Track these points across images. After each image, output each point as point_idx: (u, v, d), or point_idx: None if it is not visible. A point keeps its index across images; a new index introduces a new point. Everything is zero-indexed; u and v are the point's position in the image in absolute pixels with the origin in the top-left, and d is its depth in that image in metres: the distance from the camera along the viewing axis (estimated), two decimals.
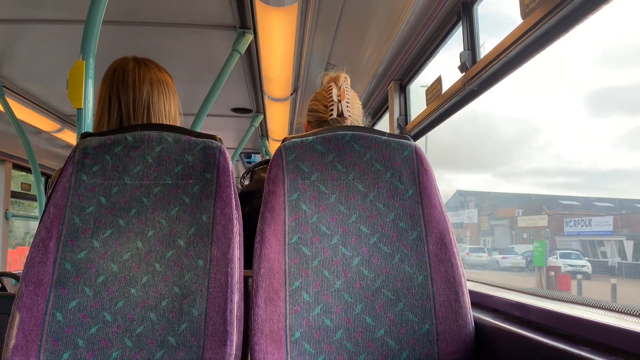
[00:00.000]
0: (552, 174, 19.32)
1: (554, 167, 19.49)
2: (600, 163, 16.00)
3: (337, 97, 1.44)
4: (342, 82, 1.48)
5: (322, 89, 1.52)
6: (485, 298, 1.31)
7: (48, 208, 1.10)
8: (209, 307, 1.06)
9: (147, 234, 1.11)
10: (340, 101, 1.44)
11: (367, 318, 1.11)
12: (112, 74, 1.30)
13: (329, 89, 1.47)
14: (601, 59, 22.42)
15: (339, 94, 1.45)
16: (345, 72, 1.52)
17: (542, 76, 21.94)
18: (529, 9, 1.29)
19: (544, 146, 20.20)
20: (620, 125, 18.43)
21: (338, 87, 1.46)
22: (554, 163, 19.45)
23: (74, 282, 1.06)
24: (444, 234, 1.16)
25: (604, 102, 19.35)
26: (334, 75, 1.51)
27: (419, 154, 1.21)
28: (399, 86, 2.64)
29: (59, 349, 1.02)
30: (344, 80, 1.49)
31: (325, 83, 1.52)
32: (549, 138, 20.26)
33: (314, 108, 1.50)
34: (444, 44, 2.11)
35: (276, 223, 1.15)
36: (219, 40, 2.34)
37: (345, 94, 1.45)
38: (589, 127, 19.39)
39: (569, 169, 18.45)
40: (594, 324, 0.89)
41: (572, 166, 18.24)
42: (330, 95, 1.46)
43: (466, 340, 1.10)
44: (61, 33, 2.26)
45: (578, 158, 17.68)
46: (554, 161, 19.57)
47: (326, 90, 1.49)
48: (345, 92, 1.45)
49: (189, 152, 1.16)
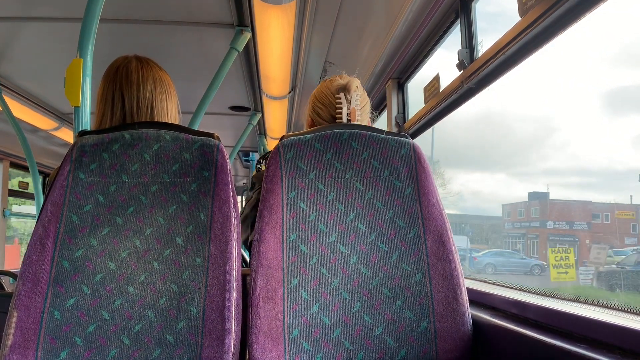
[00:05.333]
0: (568, 173, 19.22)
1: (569, 167, 19.38)
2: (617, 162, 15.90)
3: (347, 116, 1.35)
4: (353, 94, 1.37)
5: (331, 94, 1.40)
6: (483, 296, 1.31)
7: (45, 206, 1.10)
8: (207, 305, 1.06)
9: (145, 232, 1.11)
10: (350, 121, 1.35)
11: (365, 316, 1.11)
12: (115, 71, 1.29)
13: (337, 101, 1.37)
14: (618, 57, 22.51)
15: (349, 112, 1.35)
16: (356, 78, 1.42)
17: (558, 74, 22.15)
18: (527, 7, 1.29)
19: (560, 146, 20.19)
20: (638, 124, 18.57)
21: (348, 102, 1.36)
22: (570, 163, 19.34)
23: (71, 280, 1.06)
24: (442, 232, 1.16)
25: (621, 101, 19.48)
26: (345, 82, 1.40)
27: (417, 152, 1.21)
28: (397, 84, 2.64)
29: (56, 347, 1.02)
30: (354, 91, 1.38)
31: (335, 90, 1.40)
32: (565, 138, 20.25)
33: (320, 113, 1.41)
34: (442, 42, 2.11)
35: (274, 221, 1.15)
36: (216, 38, 2.34)
37: (355, 114, 1.35)
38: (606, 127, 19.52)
39: (584, 169, 18.39)
40: (592, 322, 0.89)
41: (587, 166, 18.16)
42: (338, 111, 1.36)
43: (464, 338, 1.10)
44: (58, 31, 2.25)
45: (594, 158, 17.57)
46: (570, 161, 19.45)
47: (335, 98, 1.38)
48: (355, 112, 1.35)
49: (186, 150, 1.15)
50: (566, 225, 9.55)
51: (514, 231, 12.34)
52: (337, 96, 1.38)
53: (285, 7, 1.92)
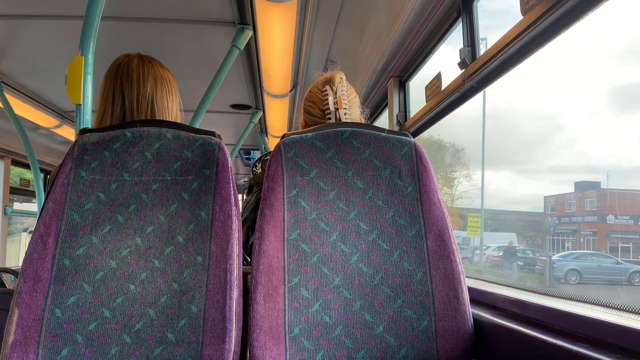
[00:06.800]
0: (574, 170, 19.12)
1: (575, 164, 19.31)
2: (623, 160, 15.81)
3: (333, 104, 1.39)
4: (338, 85, 1.41)
5: (318, 90, 1.46)
6: (485, 295, 1.31)
7: (47, 204, 1.10)
8: (208, 304, 1.06)
9: (146, 230, 1.11)
10: (338, 109, 1.39)
11: (366, 314, 1.11)
12: (117, 69, 1.30)
13: (324, 93, 1.42)
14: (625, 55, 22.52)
15: (336, 101, 1.39)
16: (340, 71, 1.46)
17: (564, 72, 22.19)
18: (529, 6, 1.28)
19: (567, 143, 20.10)
20: None
21: (334, 92, 1.41)
22: (576, 160, 19.26)
23: (72, 278, 1.06)
24: (443, 231, 1.16)
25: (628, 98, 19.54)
26: (328, 76, 1.45)
27: (418, 150, 1.21)
28: (399, 82, 2.64)
29: (57, 344, 1.02)
30: (339, 82, 1.42)
31: (320, 85, 1.45)
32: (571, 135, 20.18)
33: (310, 111, 1.45)
34: (443, 40, 2.11)
35: (275, 219, 1.15)
36: (218, 36, 2.33)
37: (342, 102, 1.39)
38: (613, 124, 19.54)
39: (590, 166, 18.36)
40: (593, 321, 0.89)
41: (593, 163, 18.12)
42: (326, 100, 1.40)
43: (465, 337, 1.10)
44: (60, 29, 2.25)
45: (600, 155, 17.50)
46: (577, 158, 19.37)
47: (322, 92, 1.43)
48: (342, 99, 1.39)
49: (188, 148, 1.15)
50: (630, 219, 7.96)
51: (560, 227, 10.60)
52: (323, 89, 1.43)
53: (286, 5, 1.91)
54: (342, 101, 1.40)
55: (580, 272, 7.72)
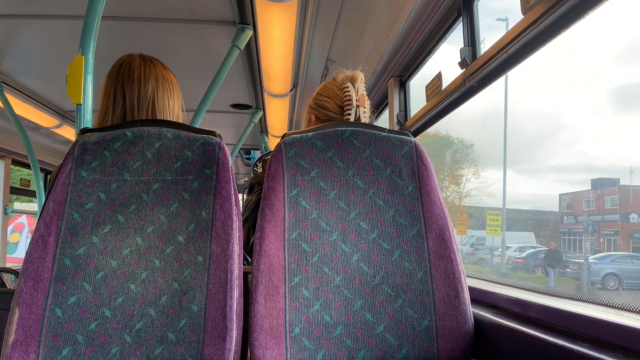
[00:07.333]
0: (575, 170, 19.14)
1: (577, 164, 19.32)
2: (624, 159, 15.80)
3: (355, 101, 1.38)
4: (359, 84, 1.40)
5: (336, 87, 1.43)
6: (485, 294, 1.31)
7: (47, 204, 1.10)
8: (208, 303, 1.06)
9: (147, 230, 1.11)
10: (359, 106, 1.38)
11: (367, 314, 1.11)
12: (118, 69, 1.30)
13: (345, 90, 1.39)
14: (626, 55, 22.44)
15: (358, 98, 1.38)
16: (361, 72, 1.44)
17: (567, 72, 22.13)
18: (530, 5, 1.28)
19: (569, 143, 20.09)
20: None
21: (356, 89, 1.39)
22: (578, 159, 19.27)
23: (73, 277, 1.06)
24: (443, 230, 1.16)
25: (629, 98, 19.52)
26: (351, 74, 1.43)
27: (418, 150, 1.21)
28: (399, 82, 2.63)
29: (58, 344, 1.02)
30: (360, 82, 1.41)
31: (340, 81, 1.43)
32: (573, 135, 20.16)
33: (326, 105, 1.42)
34: (444, 39, 2.11)
35: (276, 219, 1.15)
36: (218, 35, 2.33)
37: (364, 100, 1.38)
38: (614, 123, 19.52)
39: (592, 166, 18.38)
40: (594, 321, 0.89)
41: (595, 162, 18.13)
42: (347, 97, 1.39)
43: (465, 337, 1.10)
44: (60, 28, 2.25)
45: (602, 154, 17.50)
46: (578, 157, 19.38)
47: (341, 89, 1.41)
48: (364, 97, 1.38)
49: (188, 148, 1.15)
50: None
51: (577, 226, 10.18)
52: (345, 85, 1.40)
53: (287, 4, 1.91)
54: (365, 99, 1.39)
55: (619, 276, 7.03)
